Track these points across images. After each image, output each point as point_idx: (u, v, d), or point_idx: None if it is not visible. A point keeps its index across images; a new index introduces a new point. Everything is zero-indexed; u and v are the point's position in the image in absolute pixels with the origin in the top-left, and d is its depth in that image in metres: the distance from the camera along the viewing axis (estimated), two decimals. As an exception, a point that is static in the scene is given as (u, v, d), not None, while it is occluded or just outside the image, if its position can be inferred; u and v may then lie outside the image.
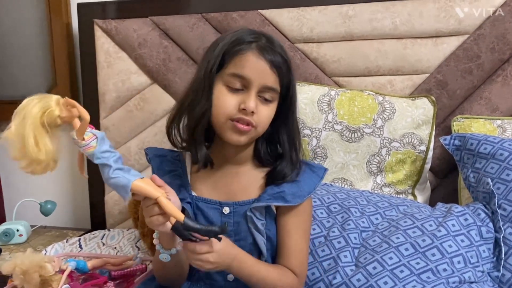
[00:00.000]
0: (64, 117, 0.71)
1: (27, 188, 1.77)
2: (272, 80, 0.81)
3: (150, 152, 0.93)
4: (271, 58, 0.80)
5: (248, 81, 0.80)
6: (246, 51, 0.80)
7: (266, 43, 0.81)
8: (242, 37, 0.82)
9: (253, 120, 0.81)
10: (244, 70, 0.80)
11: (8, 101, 1.73)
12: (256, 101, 0.80)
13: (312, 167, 0.91)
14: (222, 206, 0.87)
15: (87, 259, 1.19)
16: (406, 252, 0.94)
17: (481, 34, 1.27)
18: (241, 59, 0.80)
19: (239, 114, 0.80)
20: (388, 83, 1.34)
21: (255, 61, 0.80)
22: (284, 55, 0.83)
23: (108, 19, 1.50)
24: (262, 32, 0.85)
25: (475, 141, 1.12)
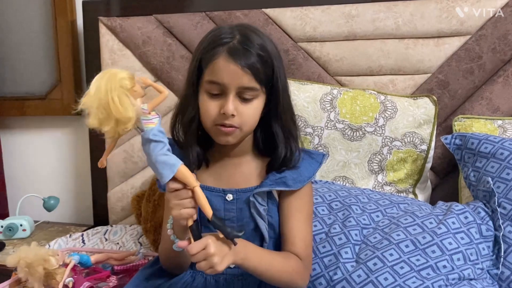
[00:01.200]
0: (134, 92, 0.71)
1: (31, 183, 1.79)
2: (246, 80, 0.81)
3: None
4: (241, 61, 0.80)
5: (223, 86, 0.81)
6: (217, 57, 0.81)
7: (238, 44, 0.81)
8: (215, 40, 0.83)
9: (235, 122, 0.82)
10: (217, 77, 0.81)
11: (13, 97, 1.75)
12: (234, 104, 0.82)
13: (311, 153, 0.93)
14: (225, 193, 0.88)
15: (90, 253, 1.20)
16: (407, 249, 0.95)
17: (483, 34, 1.28)
18: (214, 66, 0.82)
19: (220, 119, 0.82)
20: (390, 82, 1.35)
21: (226, 65, 0.80)
22: (261, 50, 0.82)
23: (113, 16, 1.51)
24: (239, 28, 0.85)
25: (475, 140, 1.13)
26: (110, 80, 0.69)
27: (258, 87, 0.83)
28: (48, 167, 1.79)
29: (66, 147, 1.76)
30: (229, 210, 0.88)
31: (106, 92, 0.68)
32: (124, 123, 0.69)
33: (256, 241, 0.88)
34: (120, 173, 1.55)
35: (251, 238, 0.87)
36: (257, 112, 0.85)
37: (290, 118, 0.90)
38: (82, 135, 1.70)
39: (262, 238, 0.88)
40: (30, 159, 1.80)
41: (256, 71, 0.81)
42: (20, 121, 1.79)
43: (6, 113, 1.75)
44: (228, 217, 0.88)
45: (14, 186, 1.78)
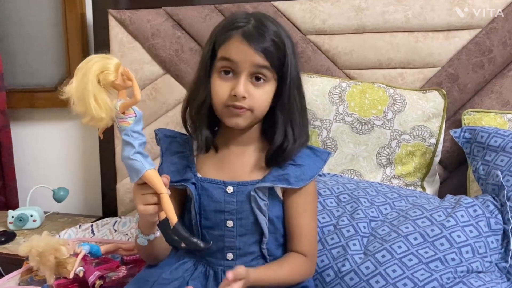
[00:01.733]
0: (117, 85, 0.72)
1: (41, 175, 1.81)
2: (260, 59, 0.82)
3: (160, 132, 0.96)
4: (255, 44, 0.81)
5: (235, 64, 0.82)
6: (231, 38, 0.83)
7: (252, 28, 0.83)
8: (230, 23, 0.85)
9: (245, 104, 0.83)
10: (230, 54, 0.82)
11: (23, 89, 1.76)
12: (246, 85, 0.82)
13: (316, 151, 0.93)
14: (226, 185, 0.88)
15: (100, 244, 1.22)
16: (415, 241, 0.95)
17: (493, 28, 1.27)
18: (227, 44, 0.83)
19: (231, 100, 0.83)
20: (399, 76, 1.35)
21: (240, 46, 0.82)
22: (275, 36, 0.83)
23: (122, 9, 1.52)
24: (254, 14, 0.86)
25: (485, 134, 1.13)
26: (91, 72, 0.70)
27: (269, 68, 0.83)
28: (57, 158, 1.80)
29: (75, 139, 1.78)
30: (229, 203, 0.87)
31: (84, 86, 0.70)
32: (98, 120, 0.72)
33: (255, 236, 0.88)
34: (129, 165, 1.56)
35: (251, 231, 0.88)
36: (268, 97, 0.85)
37: (298, 110, 0.89)
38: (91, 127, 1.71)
39: (261, 232, 0.88)
40: (40, 150, 1.82)
41: (269, 54, 0.82)
42: (30, 113, 1.81)
43: (16, 105, 1.77)
44: (228, 210, 0.87)
45: (24, 177, 1.80)
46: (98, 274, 1.02)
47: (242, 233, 0.88)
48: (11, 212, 1.50)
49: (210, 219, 0.89)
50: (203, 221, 0.89)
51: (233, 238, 0.88)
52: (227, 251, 0.88)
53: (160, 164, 0.92)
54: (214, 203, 0.88)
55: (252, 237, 0.88)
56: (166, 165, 0.91)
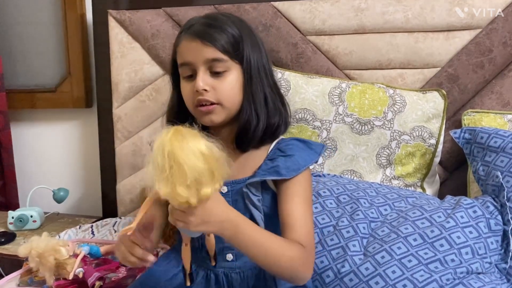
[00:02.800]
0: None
1: (41, 175, 1.81)
2: (210, 52, 0.83)
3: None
4: (200, 37, 0.82)
5: (191, 65, 0.84)
6: (180, 41, 0.86)
7: (200, 25, 0.84)
8: (184, 26, 0.87)
9: (210, 97, 0.83)
10: (184, 57, 0.85)
11: (23, 90, 1.76)
12: (205, 79, 0.83)
13: (310, 144, 0.91)
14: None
15: (100, 245, 1.22)
16: (415, 243, 0.95)
17: (494, 28, 1.27)
18: (180, 49, 0.86)
19: (196, 96, 0.84)
20: (399, 76, 1.34)
21: (188, 44, 0.84)
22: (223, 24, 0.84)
23: (122, 9, 1.52)
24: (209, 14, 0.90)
25: (485, 134, 1.13)
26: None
27: (224, 57, 0.83)
28: (57, 159, 1.80)
29: (75, 140, 1.78)
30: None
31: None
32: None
33: None
34: (129, 166, 1.56)
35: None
36: (234, 86, 0.85)
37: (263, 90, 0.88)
38: (91, 127, 1.71)
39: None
40: (40, 151, 1.82)
41: (216, 42, 0.83)
42: (30, 113, 1.81)
43: (16, 106, 1.77)
44: None
45: (24, 178, 1.80)
46: (98, 275, 1.03)
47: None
48: (11, 212, 1.50)
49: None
50: None
51: None
52: (227, 251, 0.88)
53: None
54: None
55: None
56: None
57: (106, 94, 1.57)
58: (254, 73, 0.87)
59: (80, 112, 1.74)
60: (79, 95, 1.69)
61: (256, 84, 0.87)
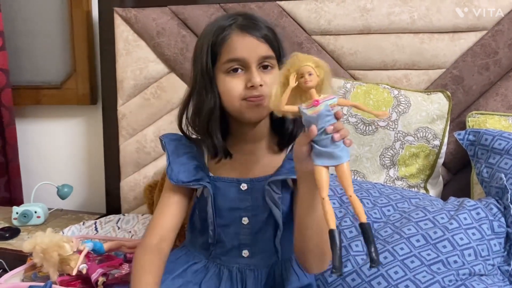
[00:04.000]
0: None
1: (45, 171, 1.81)
2: (264, 49, 0.84)
3: (165, 137, 0.96)
4: (254, 31, 0.83)
5: (244, 61, 0.83)
6: (230, 35, 0.84)
7: (244, 20, 0.85)
8: (220, 24, 0.85)
9: (264, 92, 0.83)
10: (236, 53, 0.83)
11: (29, 86, 1.77)
12: (260, 75, 0.83)
13: None
14: (240, 182, 0.89)
15: (103, 241, 1.22)
16: (417, 243, 0.95)
17: (499, 30, 1.27)
18: (229, 44, 0.83)
19: (249, 92, 0.83)
20: (404, 77, 1.34)
21: (241, 39, 0.83)
22: (267, 23, 0.86)
23: (128, 7, 1.52)
24: (238, 12, 0.89)
25: (489, 136, 1.13)
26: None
27: (273, 55, 0.85)
28: (62, 155, 1.81)
29: (80, 136, 1.79)
30: (244, 200, 0.88)
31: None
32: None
33: (270, 229, 0.89)
34: (133, 163, 1.57)
35: (265, 226, 0.88)
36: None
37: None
38: (96, 124, 1.72)
39: (275, 226, 0.89)
40: (44, 147, 1.83)
41: (270, 41, 0.84)
42: (35, 110, 1.82)
43: (22, 102, 1.77)
44: (243, 207, 0.89)
45: (29, 174, 1.81)
46: (101, 271, 1.03)
47: (257, 229, 0.89)
48: (16, 208, 1.50)
49: (225, 217, 0.89)
50: (218, 220, 0.89)
51: (248, 235, 0.89)
52: (243, 248, 0.90)
53: (167, 165, 0.91)
54: (229, 201, 0.89)
55: (267, 232, 0.89)
56: (176, 166, 0.90)
57: (111, 92, 1.58)
58: None
59: (85, 109, 1.74)
60: (84, 92, 1.70)
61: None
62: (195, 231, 0.95)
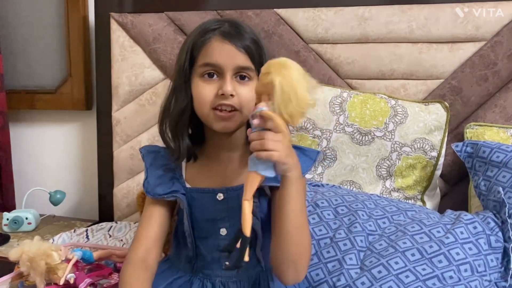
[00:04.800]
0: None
1: (38, 177, 1.80)
2: (242, 59, 0.81)
3: (143, 149, 0.95)
4: (235, 40, 0.81)
5: (219, 67, 0.81)
6: (210, 39, 0.82)
7: (229, 27, 0.82)
8: (205, 27, 0.84)
9: (234, 103, 0.81)
10: (212, 57, 0.81)
11: (24, 91, 1.75)
12: (233, 84, 0.81)
13: (304, 150, 0.90)
14: (215, 192, 0.86)
15: (93, 249, 1.20)
16: (413, 258, 0.93)
17: (499, 41, 1.26)
18: (208, 48, 0.82)
19: (219, 100, 0.81)
20: (401, 87, 1.33)
21: (220, 46, 0.81)
22: (252, 34, 0.84)
23: (125, 13, 1.51)
24: (227, 19, 0.86)
25: (487, 149, 1.11)
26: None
27: (252, 67, 0.82)
28: (55, 161, 1.79)
29: (74, 142, 1.77)
30: (221, 210, 0.85)
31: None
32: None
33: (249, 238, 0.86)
34: (126, 170, 1.55)
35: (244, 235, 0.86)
36: (253, 95, 0.84)
37: None
38: (90, 130, 1.70)
39: (255, 236, 0.86)
40: (38, 152, 1.81)
41: (250, 52, 0.82)
42: (30, 114, 1.80)
43: (16, 106, 1.76)
44: (220, 217, 0.86)
45: (21, 179, 1.79)
46: (89, 281, 1.01)
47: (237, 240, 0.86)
48: (6, 214, 1.48)
49: (203, 228, 0.87)
50: (196, 232, 0.87)
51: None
52: (224, 260, 0.87)
53: (145, 178, 0.90)
54: (205, 212, 0.87)
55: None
56: (152, 179, 0.89)
57: (106, 97, 1.56)
58: None
59: (79, 114, 1.73)
60: (79, 97, 1.68)
61: None
62: (179, 244, 0.93)
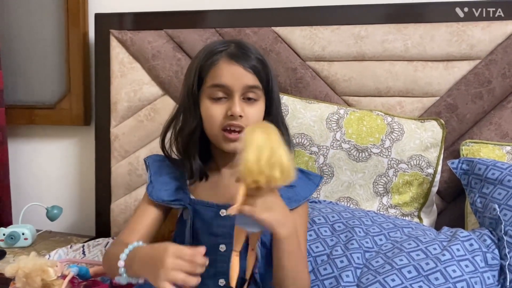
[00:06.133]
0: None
1: (35, 192, 1.79)
2: (250, 79, 0.83)
3: (149, 159, 0.97)
4: (243, 61, 0.83)
5: (228, 88, 0.83)
6: (218, 61, 0.84)
7: (235, 48, 0.85)
8: (212, 49, 0.86)
9: (243, 123, 0.83)
10: (221, 79, 0.83)
11: (23, 106, 1.76)
12: (241, 105, 0.83)
13: (308, 174, 0.93)
14: (219, 208, 0.87)
15: (90, 266, 1.19)
16: (409, 275, 0.93)
17: (493, 59, 1.27)
18: (216, 70, 0.84)
19: (228, 120, 0.83)
20: (397, 104, 1.34)
21: (228, 67, 0.83)
22: (258, 54, 0.86)
23: (124, 30, 1.53)
24: (232, 40, 0.89)
25: (483, 166, 1.12)
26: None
27: (260, 86, 0.85)
28: (53, 176, 1.79)
29: (72, 157, 1.77)
30: (223, 226, 0.86)
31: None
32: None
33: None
34: (124, 185, 1.55)
35: (244, 256, 0.86)
36: (261, 114, 0.87)
37: (284, 126, 0.91)
38: (89, 145, 1.71)
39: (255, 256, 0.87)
40: (36, 167, 1.81)
41: (258, 72, 0.84)
42: (28, 129, 1.81)
43: (15, 121, 1.77)
44: (221, 233, 0.86)
45: (19, 194, 1.79)
46: (85, 298, 1.00)
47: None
48: (3, 229, 1.48)
49: (202, 242, 0.87)
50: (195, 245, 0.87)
51: (225, 263, 0.86)
52: (220, 277, 0.87)
53: (149, 183, 0.92)
54: (207, 226, 0.87)
55: (245, 261, 0.86)
56: (157, 184, 0.90)
57: (104, 113, 1.57)
58: (275, 103, 0.89)
59: (78, 129, 1.73)
60: (78, 112, 1.69)
61: (276, 115, 0.90)
62: None
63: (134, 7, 1.57)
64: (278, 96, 0.91)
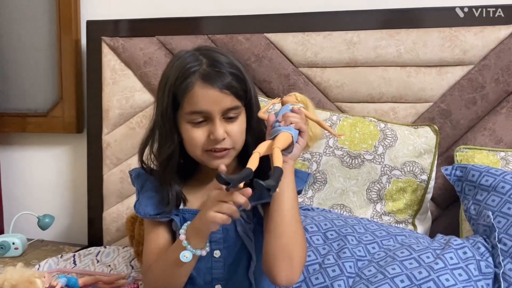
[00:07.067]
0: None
1: (27, 200, 1.77)
2: (228, 101, 0.81)
3: (133, 172, 0.95)
4: (218, 83, 0.80)
5: (207, 113, 0.81)
6: (192, 86, 0.80)
7: (208, 67, 0.81)
8: (183, 69, 0.82)
9: (226, 144, 0.82)
10: (199, 106, 0.81)
11: (15, 113, 1.75)
12: (223, 127, 0.81)
13: (296, 172, 0.90)
14: None
15: (79, 276, 1.18)
16: (402, 284, 0.91)
17: (486, 64, 1.27)
18: (191, 96, 0.81)
19: (211, 144, 0.82)
20: (391, 110, 1.33)
21: (204, 92, 0.80)
22: (231, 68, 0.82)
23: (116, 37, 1.52)
24: (202, 51, 0.84)
25: (476, 172, 1.11)
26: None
27: (240, 104, 0.83)
28: (45, 184, 1.77)
29: (64, 165, 1.75)
30: (216, 232, 0.84)
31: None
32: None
33: (243, 262, 0.86)
34: (116, 193, 1.53)
35: (238, 258, 0.85)
36: (243, 127, 0.86)
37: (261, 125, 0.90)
38: (81, 153, 1.69)
39: (249, 257, 0.86)
40: (28, 175, 1.79)
41: (235, 90, 0.82)
42: (20, 137, 1.79)
43: (7, 129, 1.75)
44: (214, 239, 0.85)
45: (10, 203, 1.77)
46: (73, 309, 0.99)
47: (230, 262, 0.86)
48: (-7, 239, 1.46)
49: None
50: None
51: (221, 269, 0.86)
52: (216, 283, 0.86)
53: (136, 200, 0.90)
54: None
55: (241, 265, 0.86)
56: (144, 200, 0.89)
57: (96, 120, 1.56)
58: (255, 110, 0.88)
59: (70, 137, 1.72)
60: (70, 120, 1.68)
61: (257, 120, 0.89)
62: None
63: (126, 14, 1.57)
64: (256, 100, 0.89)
